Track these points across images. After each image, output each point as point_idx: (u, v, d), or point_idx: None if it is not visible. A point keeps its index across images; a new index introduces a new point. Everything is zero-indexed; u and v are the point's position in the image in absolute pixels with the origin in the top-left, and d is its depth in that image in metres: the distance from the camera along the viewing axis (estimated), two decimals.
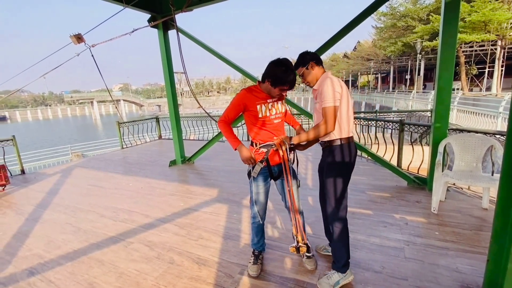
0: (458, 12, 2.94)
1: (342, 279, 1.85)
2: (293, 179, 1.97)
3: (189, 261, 2.25)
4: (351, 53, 35.74)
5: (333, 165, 1.83)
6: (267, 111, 1.87)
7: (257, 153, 1.92)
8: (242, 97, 1.87)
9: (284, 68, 1.75)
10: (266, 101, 1.87)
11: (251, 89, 1.90)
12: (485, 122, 8.59)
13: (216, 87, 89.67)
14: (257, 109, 1.85)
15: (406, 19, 19.97)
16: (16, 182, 4.92)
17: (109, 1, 4.18)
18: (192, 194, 3.84)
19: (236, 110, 1.90)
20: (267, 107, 1.87)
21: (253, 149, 1.93)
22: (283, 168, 1.90)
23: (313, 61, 1.83)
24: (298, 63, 1.88)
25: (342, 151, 1.81)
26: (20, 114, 67.86)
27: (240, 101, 1.87)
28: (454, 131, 3.31)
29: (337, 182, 1.81)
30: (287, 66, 1.76)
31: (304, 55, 1.88)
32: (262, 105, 1.86)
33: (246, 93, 1.87)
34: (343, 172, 1.82)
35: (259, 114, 1.86)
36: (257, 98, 1.86)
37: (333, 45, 3.75)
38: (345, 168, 1.83)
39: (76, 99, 62.18)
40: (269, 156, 1.90)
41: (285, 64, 1.76)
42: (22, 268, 2.31)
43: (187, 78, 4.15)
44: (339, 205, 1.83)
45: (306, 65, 1.83)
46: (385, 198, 3.28)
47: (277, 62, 1.78)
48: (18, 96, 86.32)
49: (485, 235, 2.37)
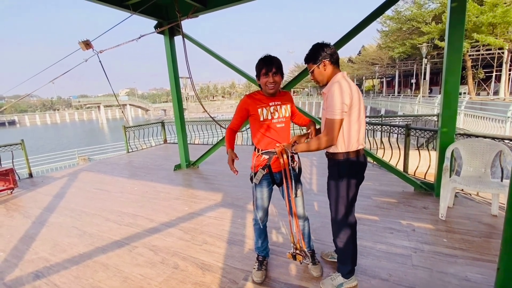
0: (464, 16, 2.92)
1: (346, 282, 1.83)
2: (298, 186, 1.96)
3: (193, 266, 2.25)
4: (356, 57, 35.69)
5: (337, 179, 1.70)
6: (268, 114, 1.87)
7: (259, 159, 1.92)
8: (243, 102, 1.92)
9: (260, 58, 1.81)
10: (267, 105, 1.87)
11: (252, 94, 1.93)
12: (493, 126, 8.45)
13: (221, 92, 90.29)
14: (258, 112, 1.87)
15: (412, 23, 19.91)
16: (24, 186, 4.99)
17: (117, 8, 4.26)
18: (197, 198, 3.84)
19: (240, 116, 1.95)
20: (269, 110, 1.87)
21: (256, 155, 1.94)
22: (287, 175, 1.88)
23: (327, 59, 1.61)
24: (309, 57, 1.67)
25: (347, 166, 1.65)
26: (29, 118, 69.18)
27: (242, 107, 1.92)
28: (462, 136, 3.26)
29: (340, 196, 1.70)
30: (264, 57, 1.81)
31: (317, 49, 1.62)
32: (263, 109, 1.87)
33: (247, 98, 1.91)
34: (348, 186, 1.68)
35: (260, 117, 1.87)
36: (258, 102, 1.87)
37: (339, 49, 3.75)
38: (350, 183, 1.68)
39: (83, 103, 63.30)
40: (271, 162, 1.89)
41: (263, 56, 1.82)
42: (28, 272, 2.33)
43: (192, 83, 4.19)
44: (343, 218, 1.75)
45: (317, 63, 1.62)
46: (391, 203, 3.23)
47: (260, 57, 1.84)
48: (27, 101, 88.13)
49: (495, 242, 2.31)
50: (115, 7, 4.23)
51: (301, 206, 1.98)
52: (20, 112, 74.53)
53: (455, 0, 2.87)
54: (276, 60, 1.80)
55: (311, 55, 1.67)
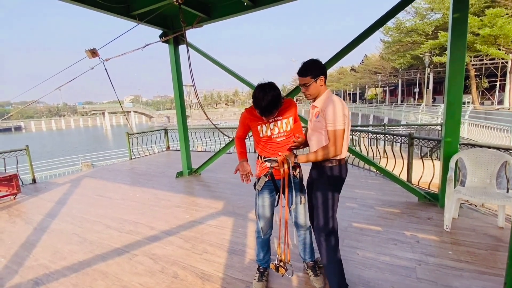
0: (466, 26, 2.94)
1: None
2: (301, 194, 1.94)
3: (193, 276, 2.22)
4: (359, 66, 35.90)
5: (327, 186, 1.78)
6: (268, 131, 1.86)
7: (261, 166, 1.92)
8: (243, 118, 1.93)
9: (257, 95, 1.69)
10: (267, 121, 1.84)
11: (251, 109, 1.87)
12: (499, 136, 8.36)
13: (224, 99, 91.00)
14: (257, 129, 1.87)
15: (412, 34, 20.03)
16: (27, 191, 5.01)
17: (124, 18, 4.37)
18: (198, 206, 3.82)
19: (243, 128, 1.99)
20: (268, 127, 1.85)
21: (259, 162, 1.94)
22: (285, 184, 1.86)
23: (323, 75, 1.73)
24: (306, 71, 1.71)
25: (337, 172, 1.78)
26: (35, 124, 70.11)
27: (243, 121, 1.95)
28: (466, 146, 3.23)
29: (329, 203, 1.78)
30: (263, 91, 1.68)
31: (316, 65, 1.72)
32: (263, 126, 1.86)
33: (246, 114, 1.90)
34: (337, 192, 1.80)
35: (260, 133, 1.88)
36: (257, 119, 1.86)
37: (341, 59, 3.77)
38: (339, 189, 1.81)
39: (88, 110, 64.01)
40: (274, 170, 1.89)
41: (261, 90, 1.69)
42: (28, 279, 2.32)
43: (195, 91, 4.24)
44: (332, 225, 1.78)
45: (316, 78, 1.71)
46: (394, 214, 3.18)
47: (257, 86, 1.74)
48: (34, 107, 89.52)
49: (502, 255, 2.26)
50: (122, 17, 4.33)
51: (303, 215, 1.96)
52: (26, 118, 75.62)
53: (457, 11, 2.90)
54: (270, 104, 1.67)
55: (311, 70, 1.71)
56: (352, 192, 3.99)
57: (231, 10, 4.34)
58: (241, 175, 2.00)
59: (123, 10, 4.30)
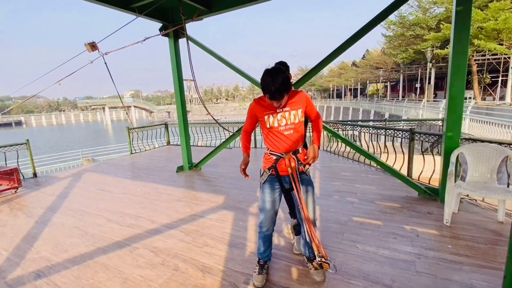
0: (470, 19, 2.90)
1: None
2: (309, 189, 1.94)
3: (194, 269, 2.23)
4: (360, 61, 35.63)
5: None
6: (275, 122, 1.84)
7: (267, 158, 1.95)
8: (251, 108, 1.92)
9: (266, 78, 1.64)
10: (275, 112, 1.82)
11: (260, 100, 1.87)
12: (500, 132, 8.34)
13: (224, 95, 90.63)
14: (265, 119, 1.86)
15: (415, 28, 19.83)
16: (28, 185, 5.03)
17: (123, 11, 4.32)
18: (199, 200, 3.83)
19: (251, 120, 1.98)
20: (276, 117, 1.83)
21: (265, 154, 1.98)
22: (295, 180, 1.86)
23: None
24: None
25: None
26: (35, 119, 70.05)
27: (251, 112, 1.94)
28: (467, 141, 3.22)
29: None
30: (271, 75, 1.62)
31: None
32: (270, 116, 1.84)
33: (255, 104, 1.90)
34: None
35: (267, 124, 1.87)
36: (265, 109, 1.85)
37: (342, 54, 3.74)
38: None
39: (88, 105, 63.90)
40: (278, 165, 1.89)
41: (269, 74, 1.64)
42: (30, 271, 2.34)
43: (196, 85, 4.22)
44: None
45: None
46: (395, 208, 3.19)
47: (265, 71, 1.67)
48: (34, 102, 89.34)
49: (502, 249, 2.26)
50: (121, 10, 4.28)
51: (312, 210, 1.96)
52: (26, 113, 75.52)
53: (460, 4, 2.85)
54: (280, 86, 1.62)
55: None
56: (353, 187, 3.99)
57: (232, 2, 4.28)
58: (241, 169, 2.04)
59: (123, 2, 4.25)
